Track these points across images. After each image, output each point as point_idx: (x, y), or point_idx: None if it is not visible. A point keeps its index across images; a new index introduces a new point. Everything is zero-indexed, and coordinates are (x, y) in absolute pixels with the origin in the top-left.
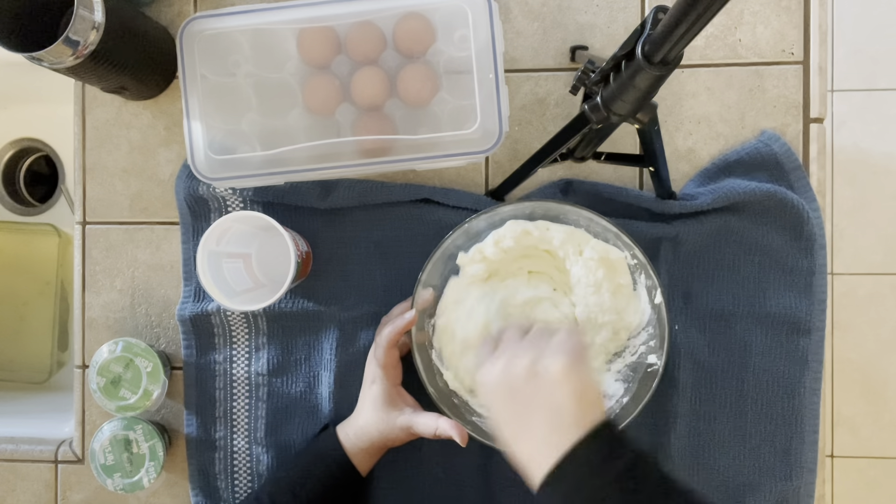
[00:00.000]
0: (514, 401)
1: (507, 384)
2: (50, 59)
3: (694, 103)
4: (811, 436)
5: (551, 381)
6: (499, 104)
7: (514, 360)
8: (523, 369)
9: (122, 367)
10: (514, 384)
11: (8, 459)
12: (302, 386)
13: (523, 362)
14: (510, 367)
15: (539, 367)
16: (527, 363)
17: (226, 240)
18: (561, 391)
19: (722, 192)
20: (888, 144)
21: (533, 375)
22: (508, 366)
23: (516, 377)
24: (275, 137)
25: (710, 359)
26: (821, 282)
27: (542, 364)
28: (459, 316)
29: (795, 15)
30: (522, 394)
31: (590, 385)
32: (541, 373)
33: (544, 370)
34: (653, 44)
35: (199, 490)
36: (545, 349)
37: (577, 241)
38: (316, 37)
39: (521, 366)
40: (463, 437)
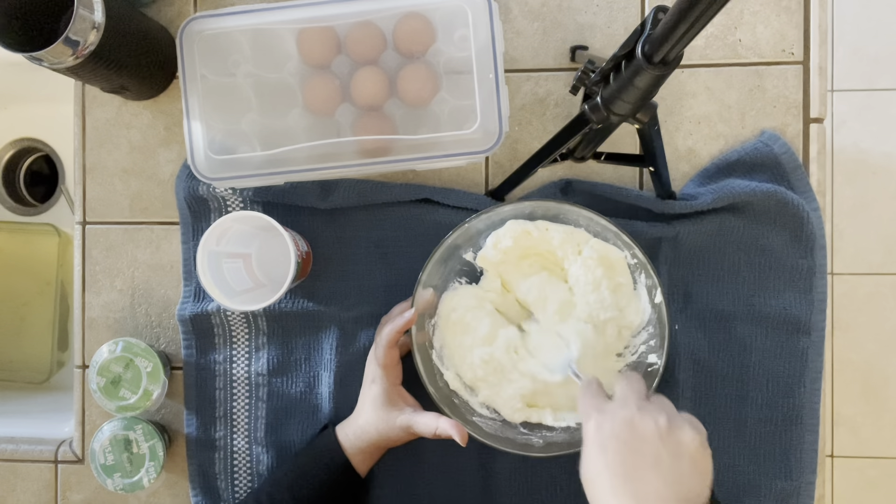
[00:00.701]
0: (635, 452)
1: (635, 432)
2: (50, 59)
3: (694, 103)
4: (811, 436)
5: (685, 446)
6: (499, 104)
7: (649, 411)
8: (660, 424)
9: (122, 367)
10: (643, 435)
11: (8, 459)
12: (302, 386)
13: (660, 421)
14: (643, 418)
15: (674, 431)
16: (664, 423)
17: (226, 240)
18: (688, 461)
19: (722, 192)
20: (888, 144)
21: (668, 434)
22: (641, 416)
23: (648, 428)
24: (275, 137)
25: (711, 359)
26: (821, 282)
27: (678, 428)
28: (476, 313)
29: (795, 15)
30: (648, 448)
31: (710, 464)
32: (676, 434)
33: (681, 435)
34: (653, 44)
35: (199, 490)
36: (677, 417)
37: (576, 240)
38: (316, 37)
39: (658, 420)
40: (463, 436)
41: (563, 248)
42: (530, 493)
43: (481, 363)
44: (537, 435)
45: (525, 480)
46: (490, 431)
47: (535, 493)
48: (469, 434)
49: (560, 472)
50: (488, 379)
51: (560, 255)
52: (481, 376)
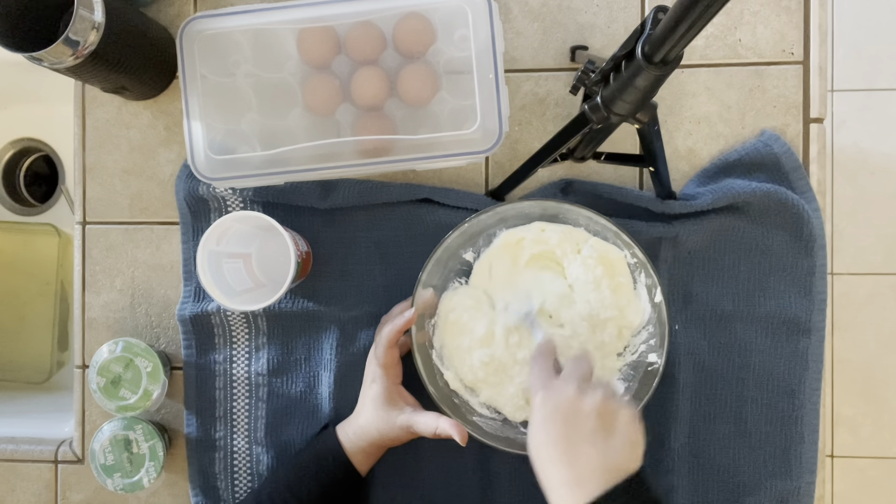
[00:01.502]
0: (574, 426)
1: (575, 409)
2: (50, 59)
3: (694, 103)
4: (811, 436)
5: (618, 422)
6: (499, 104)
7: (589, 392)
8: (596, 403)
9: (122, 367)
10: (582, 412)
11: (8, 459)
12: (302, 386)
13: (597, 397)
14: (583, 394)
15: (611, 407)
16: (600, 399)
17: (226, 240)
18: (621, 436)
19: (722, 192)
20: (888, 144)
21: (603, 412)
22: (581, 393)
23: (586, 406)
24: (275, 137)
25: (711, 359)
26: (821, 282)
27: (613, 404)
28: (473, 314)
29: (795, 15)
30: (585, 423)
31: (641, 440)
32: (611, 412)
33: (616, 411)
34: (653, 44)
35: (199, 490)
36: (612, 397)
37: (574, 239)
38: (316, 37)
39: (595, 399)
40: (463, 436)
41: (561, 248)
42: (530, 492)
43: (481, 365)
44: None
45: (525, 480)
46: (490, 431)
47: (535, 493)
48: (469, 434)
49: None
50: (489, 380)
51: (559, 255)
52: (482, 378)
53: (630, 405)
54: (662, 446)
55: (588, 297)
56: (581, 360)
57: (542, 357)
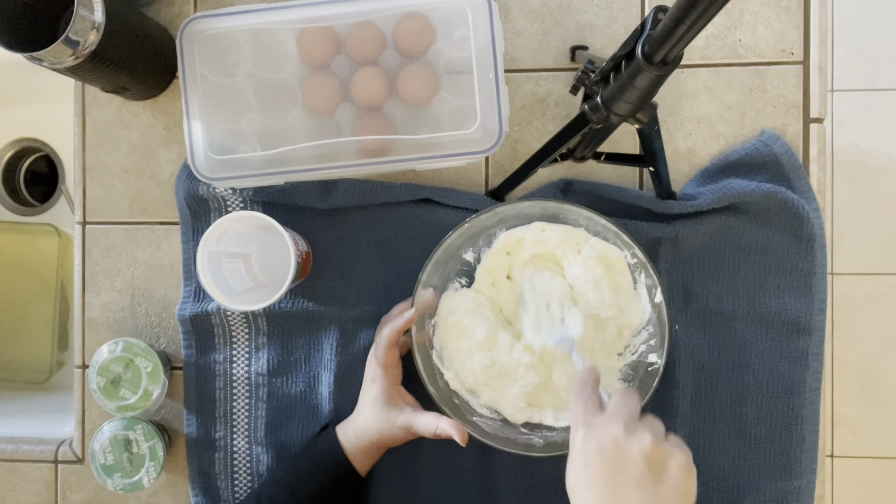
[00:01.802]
0: (619, 471)
1: (620, 451)
2: (50, 59)
3: (694, 103)
4: (811, 436)
5: (669, 470)
6: (499, 104)
7: (637, 432)
8: (645, 447)
9: (122, 367)
10: (629, 455)
11: (8, 459)
12: (302, 386)
13: (646, 440)
14: (630, 435)
15: (662, 451)
16: (649, 443)
17: (226, 240)
18: (672, 485)
19: (722, 192)
20: (888, 144)
21: (653, 457)
22: (629, 434)
23: (633, 449)
24: (275, 137)
25: (711, 359)
26: (821, 282)
27: (663, 451)
28: (473, 317)
29: (795, 15)
30: (632, 469)
31: (694, 489)
32: (661, 457)
33: (667, 456)
34: (653, 44)
35: (199, 490)
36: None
37: (574, 240)
38: (316, 37)
39: (644, 442)
40: (463, 436)
41: (561, 248)
42: (530, 493)
43: (482, 369)
44: (538, 435)
45: (525, 480)
46: (490, 431)
47: (535, 493)
48: (469, 434)
49: (560, 473)
50: (491, 383)
51: (559, 255)
52: (483, 381)
53: (683, 449)
54: None
55: (588, 296)
56: (629, 396)
57: (585, 388)
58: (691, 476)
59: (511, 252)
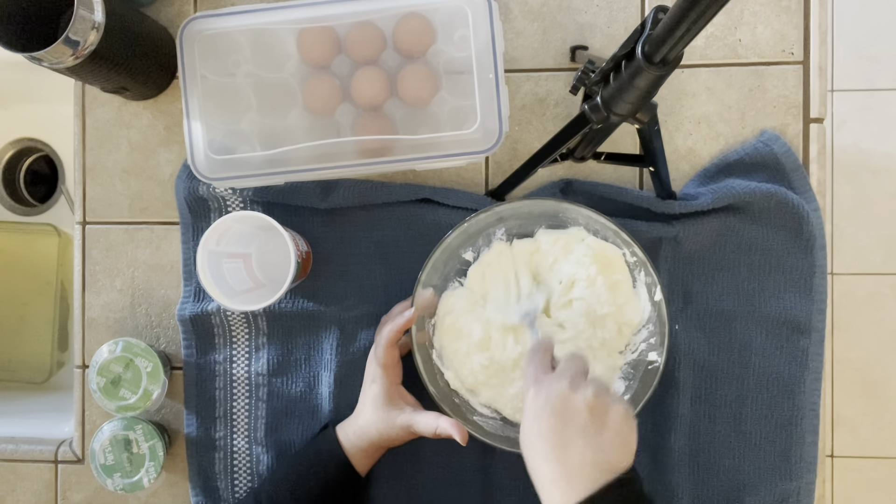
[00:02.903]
0: (565, 422)
1: (566, 404)
2: (50, 59)
3: (694, 103)
4: (811, 436)
5: (610, 418)
6: (499, 104)
7: (581, 387)
8: (588, 398)
9: (122, 367)
10: (573, 406)
11: (8, 459)
12: (302, 386)
13: (588, 391)
14: (575, 390)
15: (603, 402)
16: (591, 394)
17: (226, 240)
18: (613, 432)
19: (722, 192)
20: (888, 144)
21: (595, 408)
22: (573, 388)
23: (577, 401)
24: (275, 137)
25: (711, 359)
26: (821, 282)
27: (606, 399)
28: (468, 318)
29: (795, 15)
30: (577, 419)
31: (634, 437)
32: (603, 408)
33: (608, 407)
34: (653, 44)
35: (199, 490)
36: (606, 393)
37: (564, 241)
38: (316, 37)
39: (587, 394)
40: (463, 436)
41: (552, 251)
42: (530, 492)
43: (481, 368)
44: None
45: (525, 480)
46: (491, 430)
47: (535, 493)
48: (469, 433)
49: None
50: (490, 382)
51: (550, 261)
52: (482, 380)
53: (623, 401)
54: (662, 446)
55: (583, 293)
56: (575, 358)
57: (536, 354)
58: (630, 425)
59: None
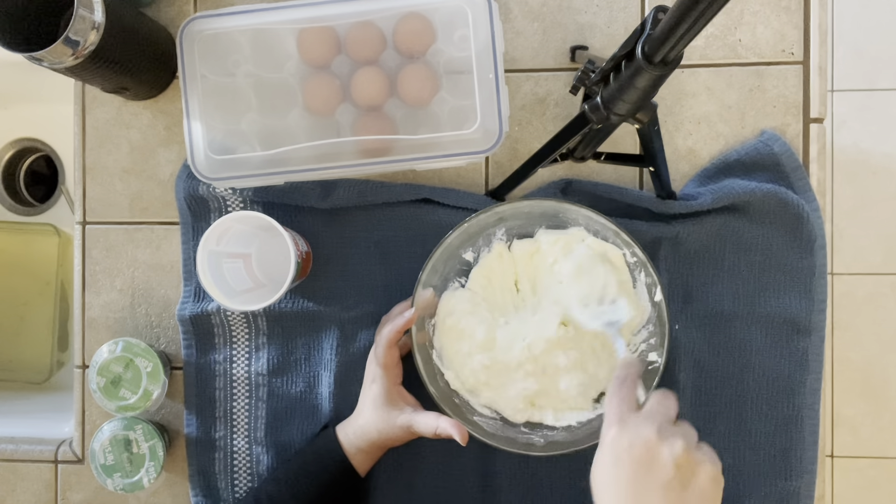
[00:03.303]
0: (648, 473)
1: (652, 454)
2: (50, 59)
3: (694, 103)
4: (811, 436)
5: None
6: (499, 104)
7: (670, 437)
8: (677, 453)
9: (122, 367)
10: (659, 459)
11: (8, 459)
12: (302, 386)
13: (678, 445)
14: (663, 439)
15: (692, 460)
16: (681, 448)
17: (226, 240)
18: (698, 495)
19: (722, 192)
20: (888, 144)
21: (683, 465)
22: (661, 437)
23: (665, 454)
24: (275, 137)
25: (711, 359)
26: (821, 282)
27: (694, 459)
28: (470, 319)
29: (795, 15)
30: (660, 473)
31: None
32: (691, 466)
33: (697, 466)
34: (653, 44)
35: (199, 490)
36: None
37: (564, 241)
38: (316, 37)
39: (675, 449)
40: (463, 436)
41: (552, 252)
42: (531, 492)
43: (482, 368)
44: (538, 434)
45: (526, 480)
46: (491, 431)
47: (535, 493)
48: (470, 433)
49: (561, 472)
50: (491, 383)
51: (550, 262)
52: (483, 381)
53: (714, 460)
54: None
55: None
56: (666, 399)
57: (624, 386)
58: (718, 488)
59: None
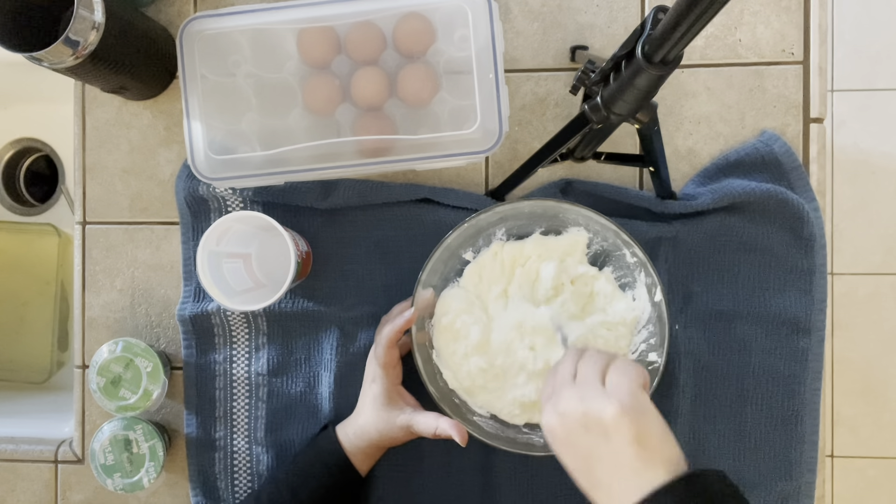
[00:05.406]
0: (576, 453)
1: (566, 435)
2: (50, 59)
3: (694, 103)
4: (811, 436)
5: (605, 431)
6: (499, 104)
7: (567, 407)
8: (576, 419)
9: (122, 367)
10: (572, 435)
11: (8, 459)
12: (302, 386)
13: (575, 409)
14: (564, 415)
15: (591, 415)
16: (578, 410)
17: (226, 240)
18: (617, 441)
19: (722, 192)
20: (888, 144)
21: (586, 425)
22: (562, 414)
23: (572, 428)
24: (275, 137)
25: (711, 359)
26: (821, 282)
27: (593, 410)
28: (465, 319)
29: (795, 15)
30: (581, 445)
31: (648, 427)
32: (593, 422)
33: (596, 419)
34: (653, 44)
35: (199, 490)
36: (595, 391)
37: (547, 247)
38: (316, 37)
39: (573, 414)
40: (463, 436)
41: (538, 258)
42: (531, 492)
43: (479, 372)
44: (538, 434)
45: (526, 480)
46: (491, 431)
47: (535, 493)
48: (470, 434)
49: (561, 472)
50: (487, 386)
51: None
52: (480, 384)
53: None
54: None
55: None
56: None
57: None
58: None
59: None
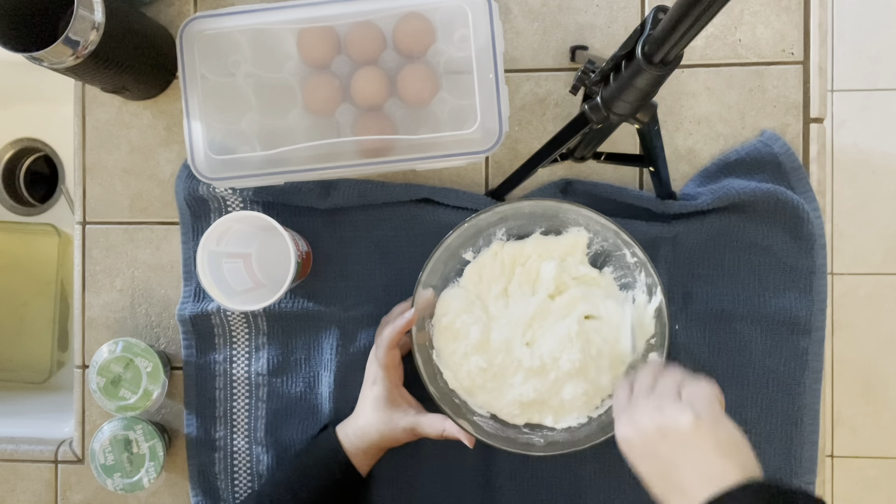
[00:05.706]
0: (654, 460)
1: (643, 444)
2: (50, 59)
3: (694, 103)
4: (811, 436)
5: (683, 439)
6: (499, 104)
7: (644, 416)
8: (654, 429)
9: (122, 367)
10: (650, 444)
11: (8, 459)
12: (302, 386)
13: (653, 418)
14: (641, 425)
15: (670, 424)
16: (657, 420)
17: (226, 240)
18: (698, 447)
19: (722, 192)
20: (888, 144)
21: (665, 434)
22: (639, 424)
23: (649, 437)
24: (275, 137)
25: (711, 359)
26: (821, 282)
27: (671, 419)
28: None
29: (795, 15)
30: (660, 453)
31: (726, 434)
32: (671, 431)
33: (675, 427)
34: (653, 44)
35: (199, 490)
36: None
37: (548, 247)
38: (316, 37)
39: (651, 424)
40: (470, 439)
41: (538, 257)
42: (531, 492)
43: (479, 371)
44: (538, 434)
45: (526, 480)
46: (491, 431)
47: (536, 493)
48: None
49: (561, 472)
50: (487, 386)
51: (536, 268)
52: (479, 384)
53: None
54: None
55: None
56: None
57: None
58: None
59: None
